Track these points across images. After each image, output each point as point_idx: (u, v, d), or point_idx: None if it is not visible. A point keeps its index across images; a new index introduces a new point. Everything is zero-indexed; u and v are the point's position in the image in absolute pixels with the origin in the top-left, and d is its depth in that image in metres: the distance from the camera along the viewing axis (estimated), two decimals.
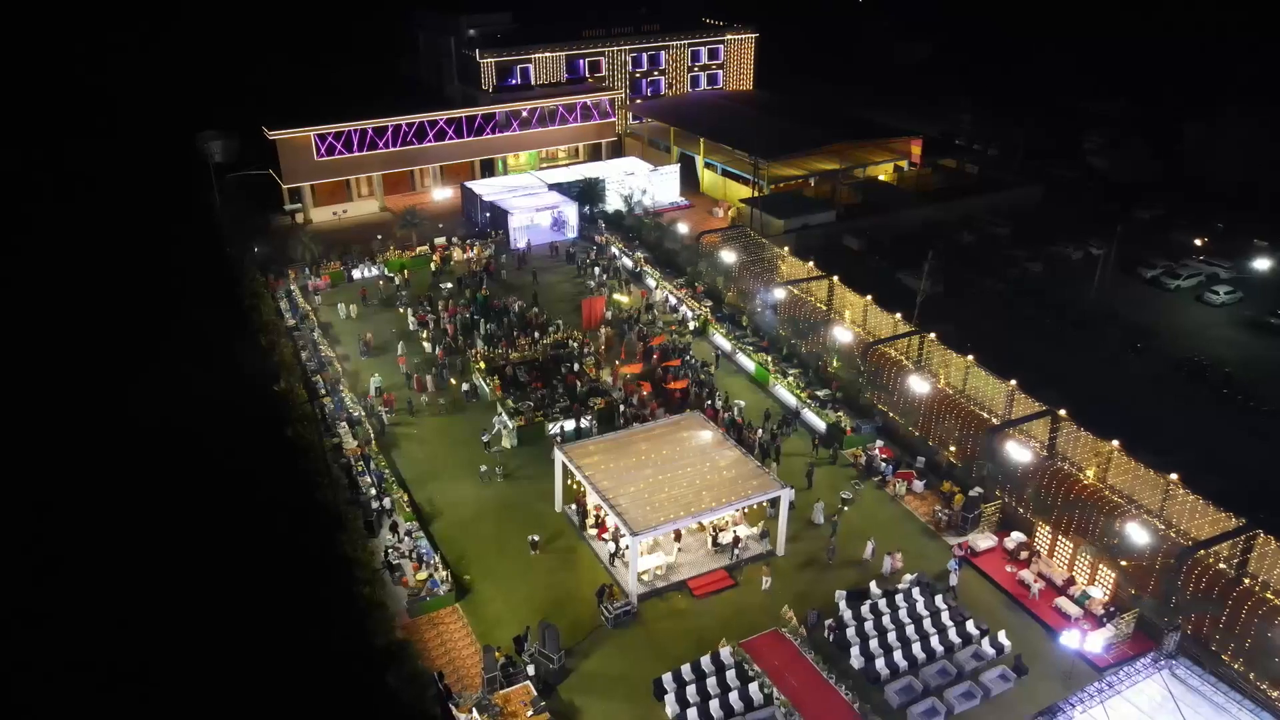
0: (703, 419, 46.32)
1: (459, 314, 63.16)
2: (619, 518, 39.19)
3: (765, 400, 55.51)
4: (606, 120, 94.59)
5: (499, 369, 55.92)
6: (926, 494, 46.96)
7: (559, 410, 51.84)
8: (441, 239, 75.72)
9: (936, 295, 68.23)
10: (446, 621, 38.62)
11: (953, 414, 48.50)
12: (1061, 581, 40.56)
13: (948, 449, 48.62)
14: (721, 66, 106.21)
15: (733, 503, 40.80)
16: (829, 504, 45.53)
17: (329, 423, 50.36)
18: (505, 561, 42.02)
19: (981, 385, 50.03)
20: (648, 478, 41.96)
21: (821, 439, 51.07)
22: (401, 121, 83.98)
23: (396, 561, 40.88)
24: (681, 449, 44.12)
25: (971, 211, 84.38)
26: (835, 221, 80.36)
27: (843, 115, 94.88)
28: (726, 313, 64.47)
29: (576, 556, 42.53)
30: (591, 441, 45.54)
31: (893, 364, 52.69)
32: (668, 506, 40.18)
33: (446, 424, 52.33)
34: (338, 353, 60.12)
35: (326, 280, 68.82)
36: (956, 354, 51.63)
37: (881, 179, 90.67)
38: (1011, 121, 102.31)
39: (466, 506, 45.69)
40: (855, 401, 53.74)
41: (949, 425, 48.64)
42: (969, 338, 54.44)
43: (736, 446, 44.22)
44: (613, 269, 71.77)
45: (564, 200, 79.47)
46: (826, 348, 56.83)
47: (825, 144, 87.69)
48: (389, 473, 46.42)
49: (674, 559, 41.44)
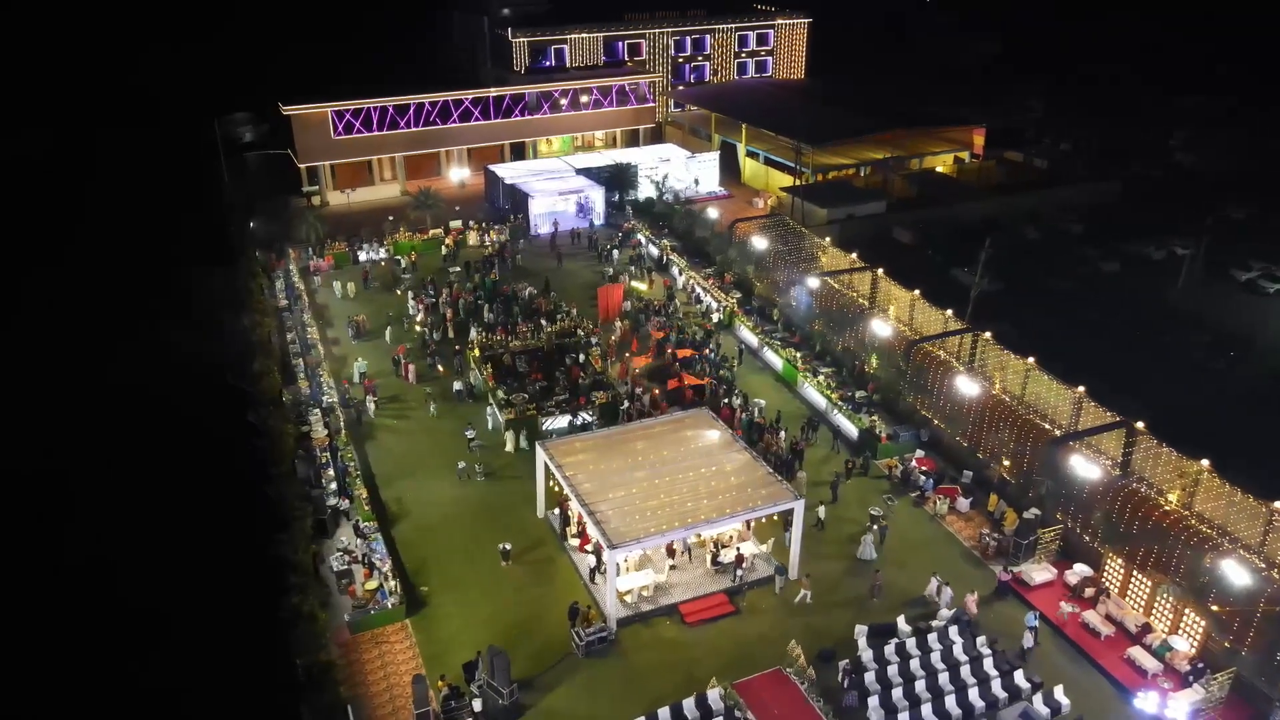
0: (711, 417, 40.09)
1: (462, 299, 57.94)
2: (597, 527, 33.18)
3: (791, 401, 49.00)
4: (645, 105, 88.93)
5: (495, 357, 50.48)
6: (972, 514, 39.99)
7: (554, 404, 46.12)
8: (457, 222, 70.84)
9: (994, 293, 61.09)
10: (392, 640, 33.01)
11: (1008, 422, 41.47)
12: (1136, 628, 33.29)
13: (1000, 463, 41.58)
14: (771, 53, 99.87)
15: (736, 514, 34.50)
16: (854, 519, 38.92)
17: (302, 409, 45.44)
18: (471, 572, 36.33)
19: (1043, 391, 42.94)
20: (639, 482, 35.90)
21: (851, 447, 44.40)
22: (424, 100, 79.44)
23: (344, 567, 35.47)
24: (683, 450, 37.97)
25: (1039, 207, 76.53)
26: (886, 213, 73.34)
27: (899, 104, 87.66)
28: (756, 305, 58.13)
29: (554, 570, 36.63)
30: (579, 438, 39.65)
31: (940, 364, 45.82)
32: (659, 516, 34.05)
33: (432, 415, 46.96)
34: (328, 336, 55.47)
35: (330, 261, 64.36)
36: (1015, 356, 44.60)
37: (939, 170, 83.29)
38: (1086, 112, 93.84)
39: (438, 507, 40.19)
40: (894, 405, 46.94)
41: (1003, 435, 41.61)
42: (1030, 339, 47.47)
43: (746, 449, 37.88)
44: (637, 256, 65.97)
45: (590, 185, 73.96)
46: (864, 344, 50.10)
47: (877, 131, 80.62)
48: (354, 466, 41.10)
49: (665, 578, 35.26)
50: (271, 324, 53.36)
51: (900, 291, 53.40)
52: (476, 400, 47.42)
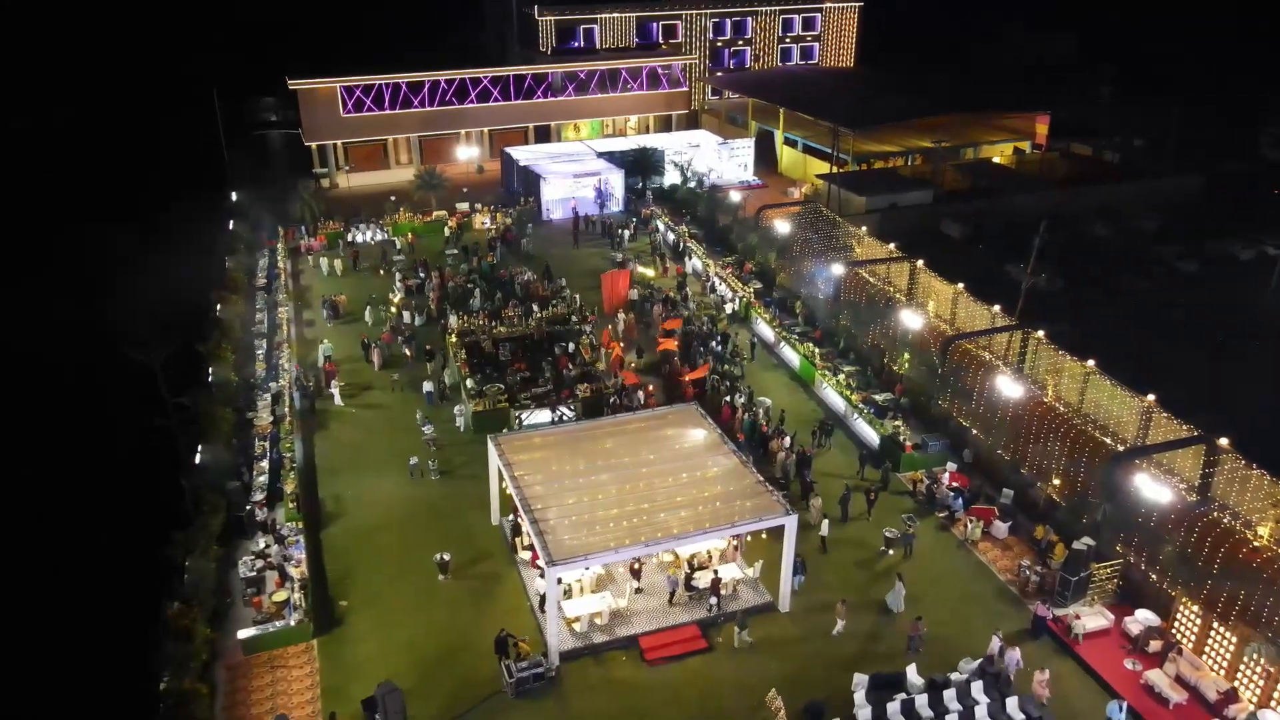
0: (699, 414, 33.95)
1: (451, 282, 52.74)
2: (538, 539, 27.31)
3: (805, 402, 42.58)
4: (677, 90, 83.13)
5: (475, 344, 45.09)
6: (1011, 542, 33.13)
7: (530, 396, 40.50)
8: (463, 204, 65.93)
9: (1054, 291, 54.05)
10: (291, 664, 27.55)
11: (1060, 434, 34.54)
12: (1216, 695, 26.20)
13: (1049, 481, 34.66)
14: (818, 39, 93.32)
15: (713, 529, 28.29)
16: (866, 541, 32.46)
17: (253, 394, 40.63)
18: (401, 586, 30.75)
19: (1105, 399, 35.94)
20: (602, 486, 29.95)
21: (871, 458, 37.84)
22: (439, 77, 74.82)
23: (253, 574, 30.18)
24: (660, 451, 31.91)
25: (1109, 201, 68.62)
26: (933, 204, 66.27)
27: (953, 91, 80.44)
28: (776, 297, 51.78)
29: (500, 588, 30.86)
30: (539, 432, 33.90)
31: (982, 365, 39.04)
32: (618, 529, 28.05)
33: (398, 403, 41.73)
34: (303, 318, 50.79)
35: (322, 241, 59.84)
36: (1072, 358, 37.66)
37: (996, 161, 75.80)
38: (1164, 104, 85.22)
39: (380, 508, 34.78)
40: (924, 410, 40.24)
41: (1053, 449, 34.68)
42: (1093, 341, 40.43)
43: (735, 453, 31.63)
44: (653, 243, 60.15)
45: (609, 169, 68.38)
46: (894, 340, 43.48)
47: (925, 115, 73.48)
48: (291, 457, 35.92)
49: (626, 603, 29.22)
50: (238, 301, 48.82)
51: (942, 285, 46.59)
52: (448, 402, 41.54)
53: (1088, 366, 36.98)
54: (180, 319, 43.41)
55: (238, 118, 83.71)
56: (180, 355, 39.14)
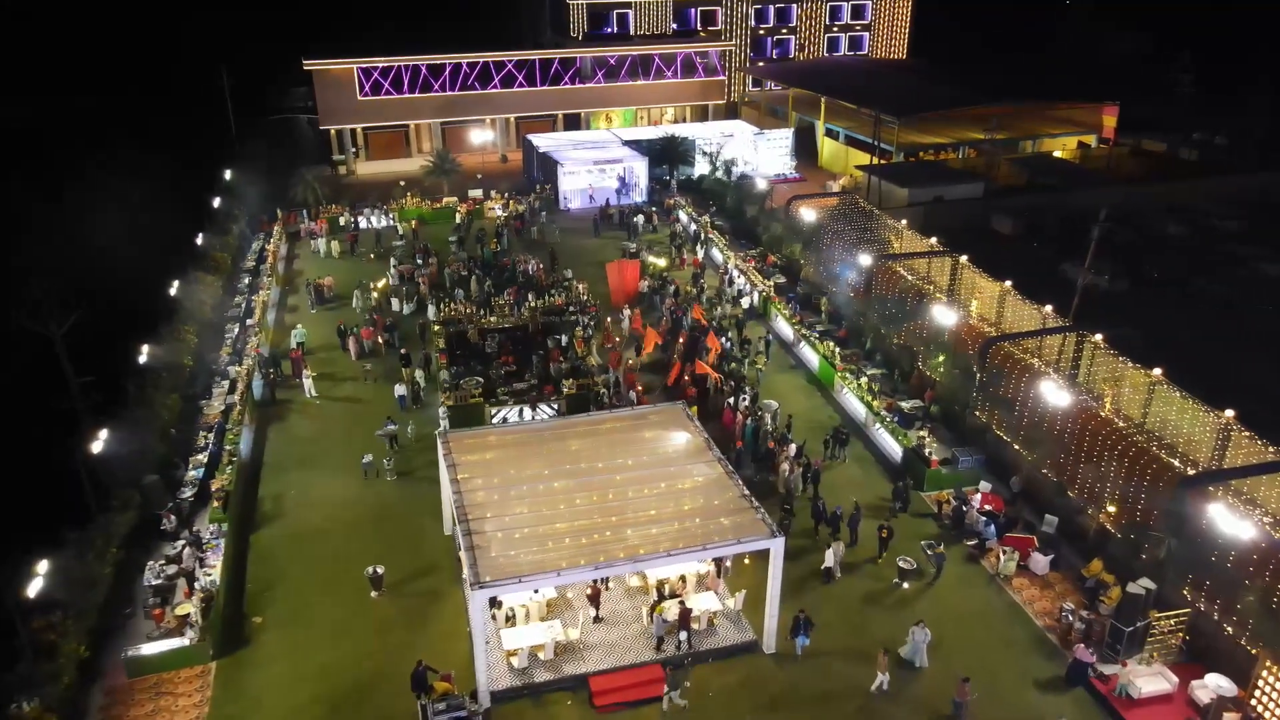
0: (684, 415, 29.21)
1: (449, 269, 48.83)
2: (468, 554, 22.87)
3: (822, 408, 37.54)
4: (714, 79, 78.43)
5: (460, 333, 41.02)
6: (1053, 579, 27.71)
7: (510, 391, 36.22)
8: (476, 191, 62.20)
9: (1117, 292, 48.19)
10: (180, 690, 23.52)
11: (1118, 452, 29.09)
12: None
13: (1102, 507, 29.17)
14: (868, 28, 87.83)
15: (682, 551, 23.51)
16: (875, 572, 27.40)
17: (214, 380, 37.12)
18: (327, 603, 26.60)
19: (1173, 414, 30.54)
20: (559, 495, 25.41)
21: (893, 473, 32.72)
22: (461, 60, 71.28)
23: (159, 581, 26.30)
24: (635, 455, 27.25)
25: (1184, 198, 62.04)
26: (983, 198, 60.48)
27: (1010, 80, 74.28)
28: (801, 292, 46.80)
29: (439, 608, 26.49)
30: (496, 430, 29.56)
31: (1027, 370, 33.72)
32: (569, 546, 23.47)
33: (371, 396, 37.81)
34: (288, 303, 47.39)
35: (323, 225, 56.47)
36: (1136, 366, 32.19)
37: (1057, 155, 69.55)
38: (1245, 96, 77.75)
39: (324, 510, 30.74)
40: (956, 421, 34.94)
41: (1109, 469, 29.23)
42: (1160, 348, 34.94)
43: (721, 462, 26.82)
44: (673, 234, 55.55)
45: (634, 157, 64.00)
46: (926, 340, 38.25)
47: (977, 104, 67.59)
48: (233, 450, 32.08)
49: (578, 635, 24.61)
50: (215, 282, 45.52)
51: (987, 283, 41.20)
52: (423, 408, 36.93)
53: (1153, 375, 31.49)
54: (116, 295, 39.99)
55: (264, 101, 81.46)
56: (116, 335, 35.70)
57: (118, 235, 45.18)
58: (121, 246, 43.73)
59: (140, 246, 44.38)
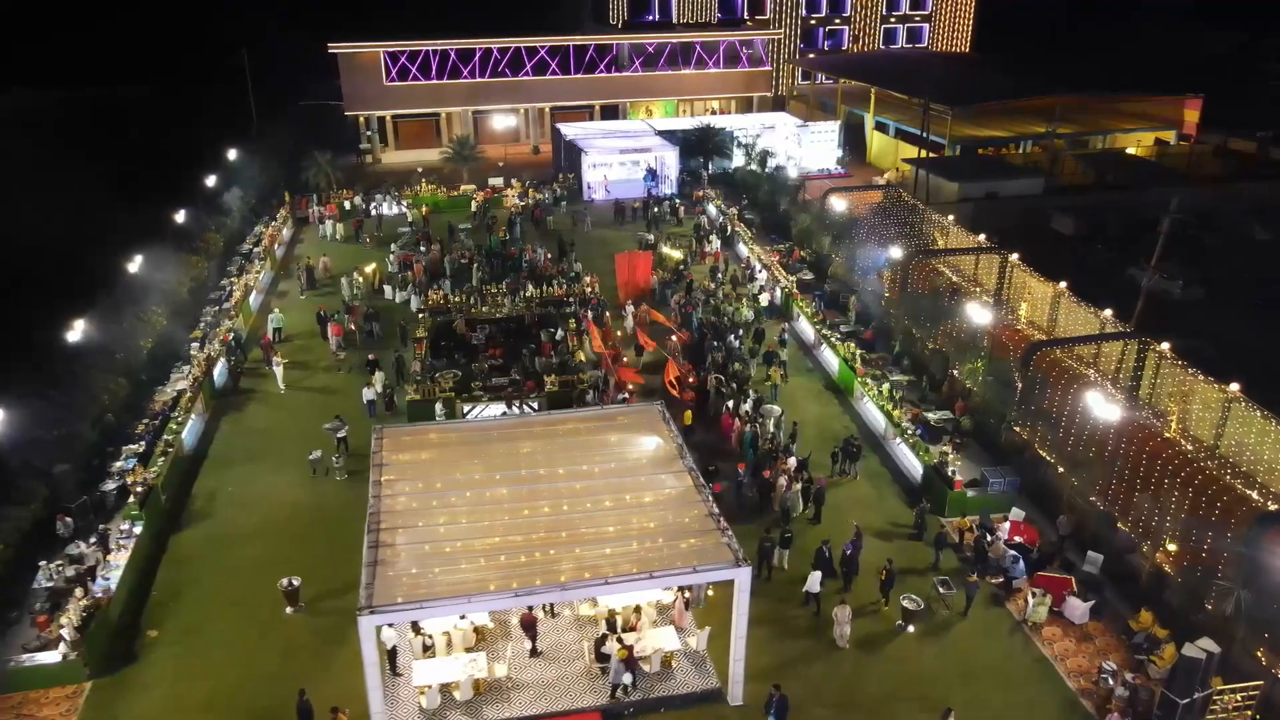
0: (660, 417, 25.17)
1: (448, 257, 45.67)
2: (366, 570, 19.22)
3: (838, 417, 33.13)
4: (759, 69, 74.18)
5: (446, 326, 37.70)
6: (1093, 630, 22.91)
7: (482, 386, 32.68)
8: (497, 180, 59.12)
9: (1192, 301, 42.84)
10: (45, 713, 20.35)
11: (1183, 479, 24.23)
12: None
13: (1159, 545, 24.29)
14: (928, 19, 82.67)
15: (625, 578, 19.48)
16: (879, 611, 23.04)
17: (176, 364, 34.45)
18: (235, 617, 23.26)
19: (1252, 437, 25.72)
20: (496, 505, 21.63)
21: (912, 494, 28.21)
22: (491, 45, 68.38)
23: (52, 584, 23.27)
24: (596, 461, 23.32)
25: (1274, 201, 55.68)
26: (1042, 195, 55.08)
27: (1078, 71, 68.43)
28: (829, 290, 42.37)
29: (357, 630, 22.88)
30: (439, 426, 26.02)
31: (1075, 381, 28.98)
32: (494, 567, 19.65)
33: (343, 386, 34.67)
34: (278, 288, 44.79)
35: (332, 209, 53.91)
36: (1208, 380, 27.31)
37: (1130, 152, 63.58)
38: None
39: (260, 510, 27.52)
40: (991, 436, 30.23)
41: (1170, 500, 24.39)
42: (1239, 362, 29.90)
43: (690, 473, 22.71)
44: (697, 225, 51.56)
45: (664, 146, 60.21)
46: (961, 343, 33.58)
47: (1037, 95, 62.08)
48: (170, 440, 29.12)
49: (505, 671, 20.77)
50: (201, 263, 43.05)
51: (1039, 284, 36.37)
52: (394, 415, 32.89)
53: (1230, 392, 26.53)
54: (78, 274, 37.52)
55: (298, 88, 79.78)
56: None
57: (100, 216, 42.86)
58: (99, 227, 41.38)
59: (122, 228, 41.95)
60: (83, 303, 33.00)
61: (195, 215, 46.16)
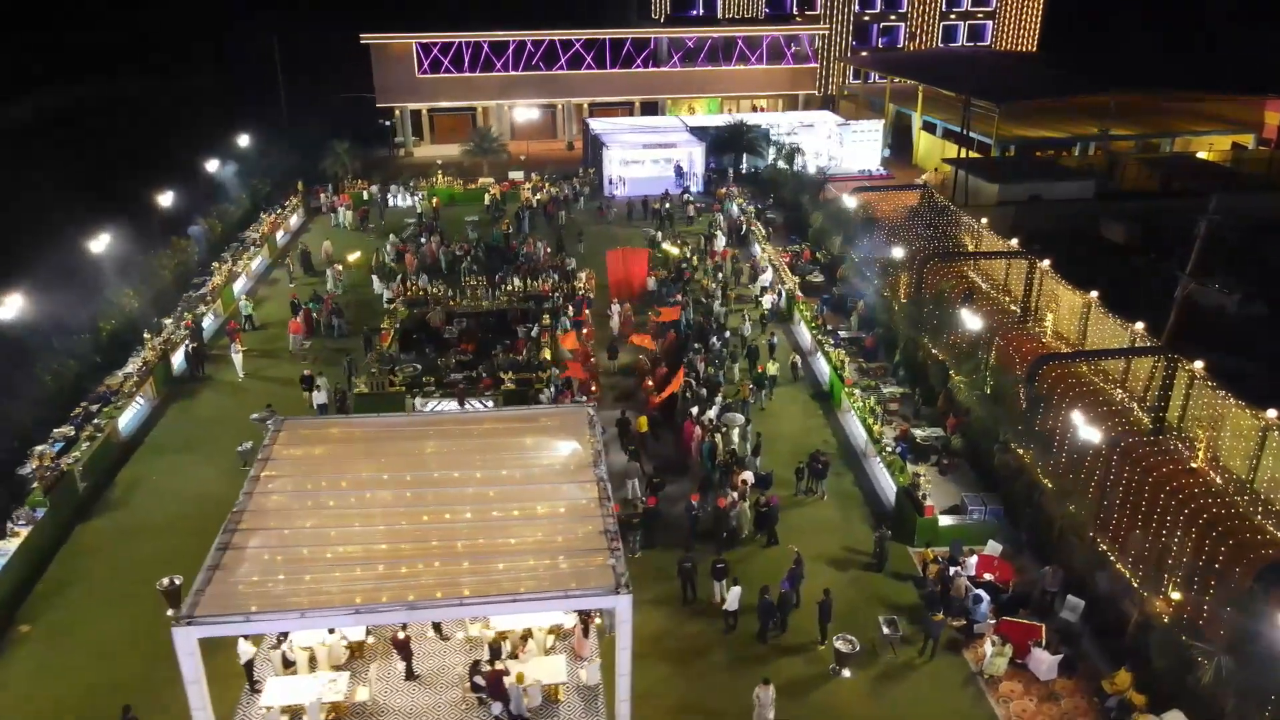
0: (587, 420, 22.70)
1: (443, 249, 44.14)
2: (203, 574, 17.29)
3: (819, 430, 30.13)
4: (804, 66, 70.99)
5: (420, 317, 35.98)
6: (1061, 688, 19.54)
7: (432, 381, 30.76)
8: (517, 173, 57.52)
9: (1248, 316, 38.49)
10: None
11: (1200, 516, 20.77)
12: None
13: (1160, 592, 20.75)
14: (992, 15, 78.17)
15: (480, 600, 17.10)
16: (805, 648, 20.17)
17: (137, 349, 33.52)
18: (113, 617, 21.71)
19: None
20: (375, 510, 19.49)
21: (877, 519, 25.12)
22: (525, 38, 66.93)
23: None
24: (500, 466, 20.96)
25: None
26: (1094, 200, 50.69)
27: (1141, 68, 63.40)
28: (838, 293, 39.31)
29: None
30: (344, 422, 24.01)
31: (1089, 397, 25.70)
32: (347, 579, 17.49)
33: (299, 375, 33.21)
34: (270, 275, 43.90)
35: (345, 199, 53.01)
36: (1244, 407, 23.83)
37: (1200, 156, 58.38)
38: None
39: (176, 502, 26.09)
40: (984, 456, 26.90)
41: (1186, 539, 20.92)
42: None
43: (599, 484, 20.19)
44: (711, 223, 48.92)
45: (690, 142, 57.74)
46: (962, 352, 30.26)
47: (1093, 92, 57.50)
48: (101, 424, 27.97)
49: (369, 695, 18.62)
50: (187, 247, 42.37)
51: (1069, 293, 32.77)
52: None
53: (1266, 418, 22.87)
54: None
55: (339, 81, 79.73)
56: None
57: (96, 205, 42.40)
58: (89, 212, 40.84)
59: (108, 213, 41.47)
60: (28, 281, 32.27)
61: (194, 201, 45.65)
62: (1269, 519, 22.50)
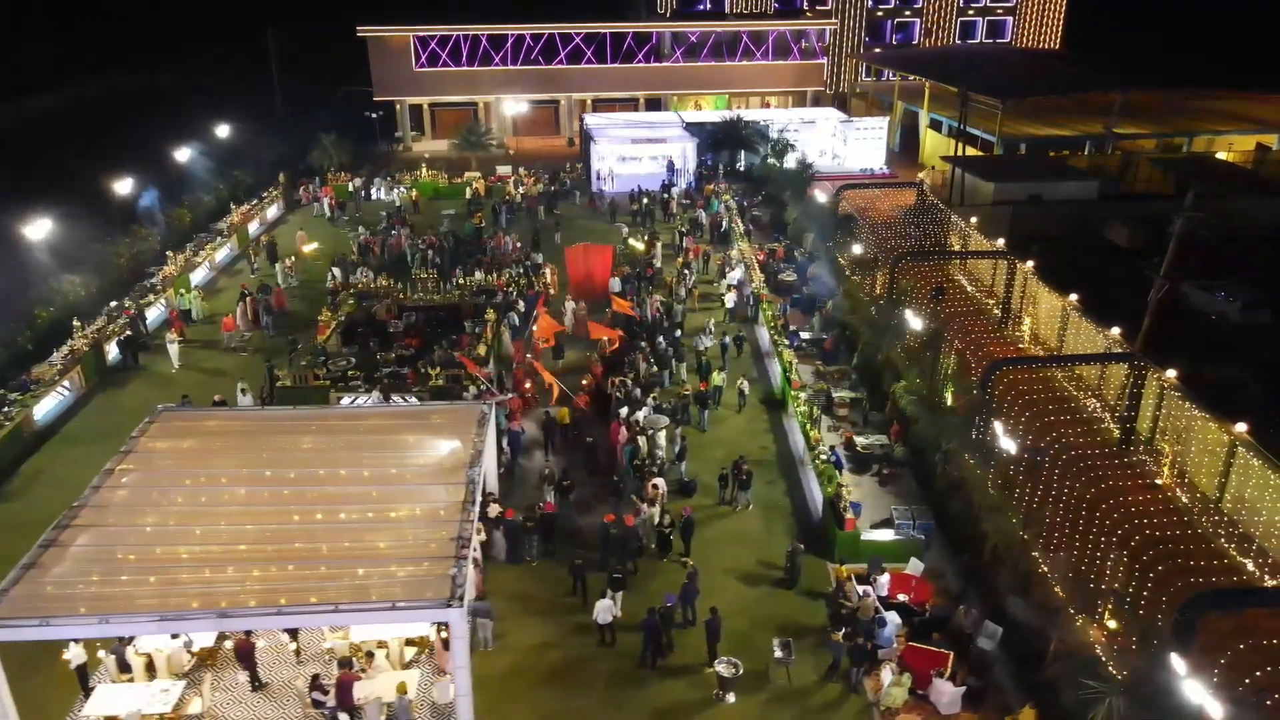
0: (476, 419, 21.27)
1: (409, 243, 43.12)
2: (13, 574, 16.14)
3: (760, 435, 28.35)
4: (812, 62, 68.91)
5: (366, 314, 34.83)
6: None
7: (361, 376, 29.55)
8: (504, 168, 56.36)
9: (1250, 324, 36.18)
10: None
11: (1138, 541, 18.95)
12: None
13: (1095, 619, 18.68)
14: (1012, 12, 75.35)
15: (303, 608, 15.75)
16: (690, 669, 18.50)
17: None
18: None
19: (1250, 490, 20.36)
20: (231, 509, 18.26)
21: (803, 538, 23.31)
22: (524, 31, 65.77)
23: None
24: (373, 465, 19.66)
25: None
26: (1099, 201, 48.09)
27: (1158, 64, 60.39)
28: (808, 293, 37.44)
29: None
30: (224, 414, 22.82)
31: (1054, 404, 23.93)
32: (171, 582, 16.25)
33: (236, 370, 32.27)
34: (235, 266, 43.19)
35: (328, 192, 52.28)
36: (1205, 416, 22.02)
37: (1220, 157, 55.29)
38: None
39: (74, 494, 24.85)
40: (926, 466, 24.98)
41: (1119, 563, 19.02)
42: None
43: (466, 487, 18.73)
44: (694, 220, 47.26)
45: (682, 138, 56.11)
46: (913, 353, 28.37)
47: (1108, 89, 54.74)
48: (10, 413, 27.21)
49: (204, 706, 17.35)
50: (151, 237, 41.78)
51: (1050, 296, 30.80)
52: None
53: (1234, 433, 20.96)
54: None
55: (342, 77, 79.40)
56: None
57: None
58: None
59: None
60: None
61: (168, 191, 45.19)
62: (1232, 542, 20.51)
